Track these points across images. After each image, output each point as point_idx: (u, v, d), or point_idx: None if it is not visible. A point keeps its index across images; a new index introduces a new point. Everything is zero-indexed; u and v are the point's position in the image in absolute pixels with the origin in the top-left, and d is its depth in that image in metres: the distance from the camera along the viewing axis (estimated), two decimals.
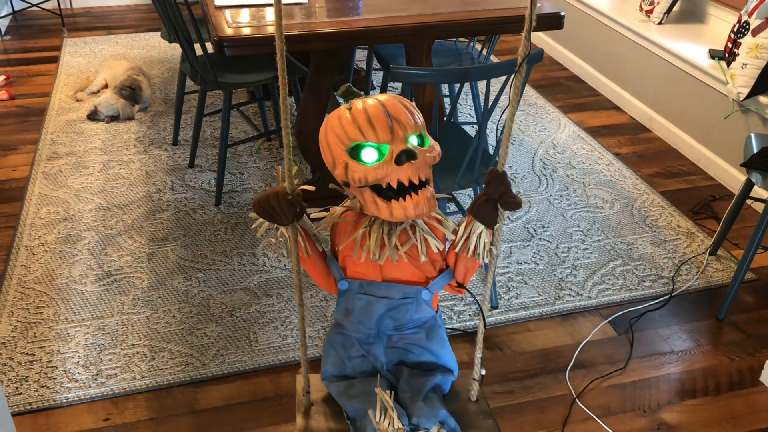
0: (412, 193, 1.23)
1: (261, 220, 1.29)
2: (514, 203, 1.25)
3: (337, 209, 1.36)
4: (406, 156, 1.20)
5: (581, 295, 2.44)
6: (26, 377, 2.07)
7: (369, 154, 1.22)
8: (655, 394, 2.08)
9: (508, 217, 2.83)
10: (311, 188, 1.31)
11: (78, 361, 2.12)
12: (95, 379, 2.07)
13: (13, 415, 1.95)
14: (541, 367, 2.16)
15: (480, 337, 1.46)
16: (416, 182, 1.23)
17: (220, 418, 1.97)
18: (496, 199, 1.26)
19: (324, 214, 1.37)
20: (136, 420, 1.95)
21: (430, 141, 1.27)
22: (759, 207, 2.92)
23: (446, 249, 1.38)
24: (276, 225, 1.29)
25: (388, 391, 1.34)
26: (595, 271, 2.55)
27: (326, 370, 1.46)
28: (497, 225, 1.30)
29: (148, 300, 2.37)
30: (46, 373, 2.08)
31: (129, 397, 2.02)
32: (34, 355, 2.15)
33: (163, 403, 2.01)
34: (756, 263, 2.62)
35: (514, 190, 3.02)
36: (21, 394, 2.01)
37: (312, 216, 1.37)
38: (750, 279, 2.55)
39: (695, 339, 2.28)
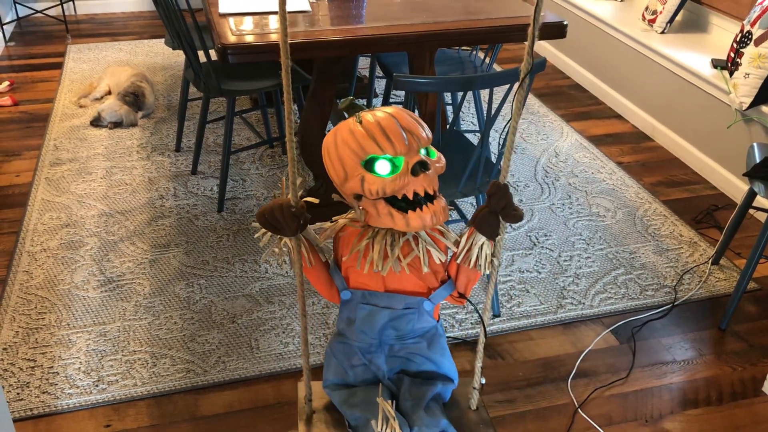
0: (428, 203, 1.25)
1: (264, 230, 1.29)
2: (515, 215, 1.27)
3: (341, 221, 1.37)
4: (420, 167, 1.22)
5: (583, 303, 2.44)
6: (27, 383, 2.07)
7: (383, 167, 1.23)
8: (657, 404, 2.07)
9: (510, 225, 2.83)
10: (315, 200, 1.31)
11: (79, 367, 2.12)
12: (96, 386, 2.07)
13: (14, 420, 1.95)
14: (543, 375, 2.16)
15: (480, 347, 1.47)
16: (431, 192, 1.25)
17: (220, 425, 1.96)
18: (498, 211, 1.27)
19: (328, 225, 1.38)
20: (137, 426, 1.95)
21: (436, 153, 1.30)
22: (761, 217, 2.92)
23: (448, 260, 1.39)
24: (279, 236, 1.29)
25: (389, 401, 1.34)
26: (597, 280, 2.55)
27: (328, 378, 1.46)
28: (498, 237, 1.31)
29: (149, 306, 2.37)
30: (47, 379, 2.08)
31: (130, 403, 2.02)
32: (36, 360, 2.15)
33: (164, 410, 2.00)
34: (758, 273, 2.61)
35: (517, 198, 3.02)
36: (22, 399, 2.01)
37: (315, 226, 1.37)
38: (752, 288, 2.54)
39: (698, 348, 2.28)
